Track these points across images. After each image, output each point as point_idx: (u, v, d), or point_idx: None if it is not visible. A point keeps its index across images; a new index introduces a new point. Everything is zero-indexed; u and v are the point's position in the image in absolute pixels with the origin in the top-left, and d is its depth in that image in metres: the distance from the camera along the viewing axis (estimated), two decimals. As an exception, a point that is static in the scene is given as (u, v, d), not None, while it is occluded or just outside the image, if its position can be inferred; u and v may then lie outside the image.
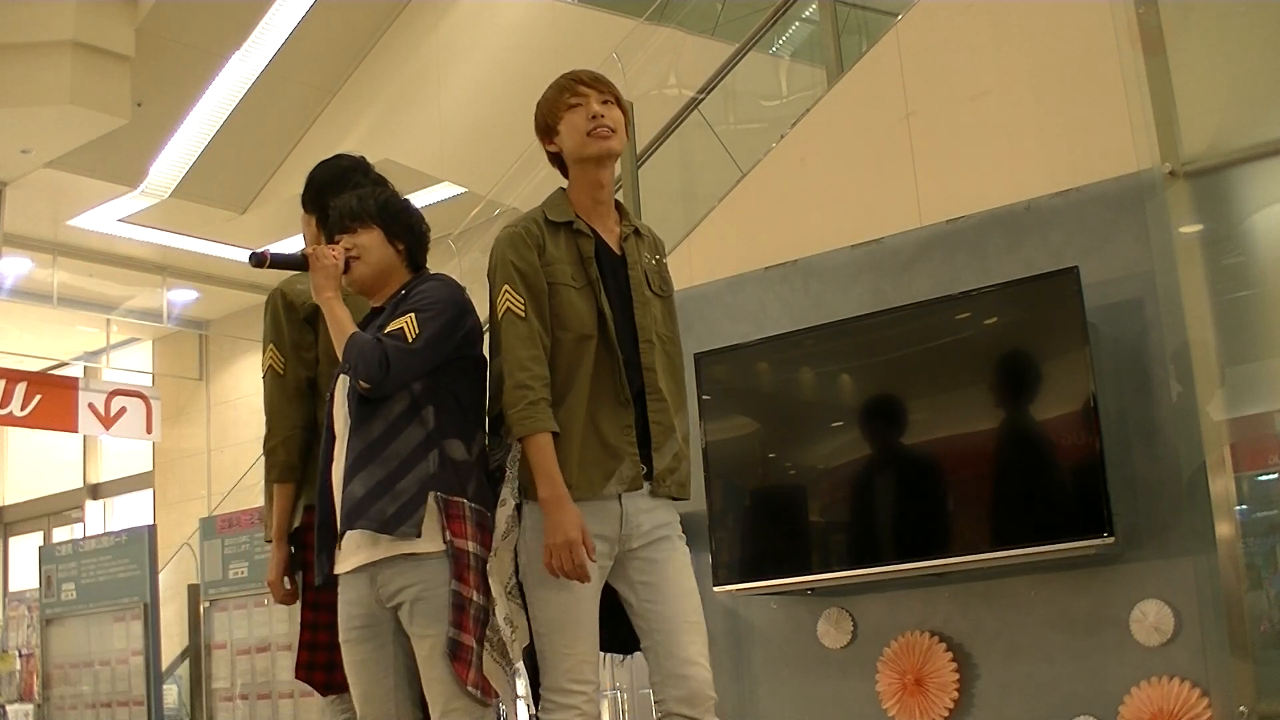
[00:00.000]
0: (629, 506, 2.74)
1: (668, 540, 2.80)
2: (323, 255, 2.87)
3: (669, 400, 2.83)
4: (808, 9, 6.18)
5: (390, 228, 2.92)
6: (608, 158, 2.85)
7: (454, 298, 2.83)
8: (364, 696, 2.79)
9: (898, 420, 4.11)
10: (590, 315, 2.76)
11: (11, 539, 15.39)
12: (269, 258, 2.92)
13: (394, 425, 2.72)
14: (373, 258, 2.90)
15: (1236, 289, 3.95)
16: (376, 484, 2.69)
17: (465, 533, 2.69)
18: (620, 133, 2.85)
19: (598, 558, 2.70)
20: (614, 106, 2.86)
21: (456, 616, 2.64)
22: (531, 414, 2.67)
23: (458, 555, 2.67)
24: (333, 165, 3.33)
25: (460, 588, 2.65)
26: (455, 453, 2.74)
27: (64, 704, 7.02)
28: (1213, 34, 4.09)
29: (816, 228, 4.63)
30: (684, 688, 2.70)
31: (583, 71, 2.91)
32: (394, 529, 2.66)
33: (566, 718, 2.67)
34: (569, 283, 2.77)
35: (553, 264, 2.77)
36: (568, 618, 2.69)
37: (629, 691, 5.27)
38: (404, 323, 2.73)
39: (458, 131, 9.84)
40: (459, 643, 2.64)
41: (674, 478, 2.82)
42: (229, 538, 6.48)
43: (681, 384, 2.94)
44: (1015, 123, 4.26)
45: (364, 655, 2.78)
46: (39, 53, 9.20)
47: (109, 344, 13.76)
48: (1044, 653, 3.90)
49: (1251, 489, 3.72)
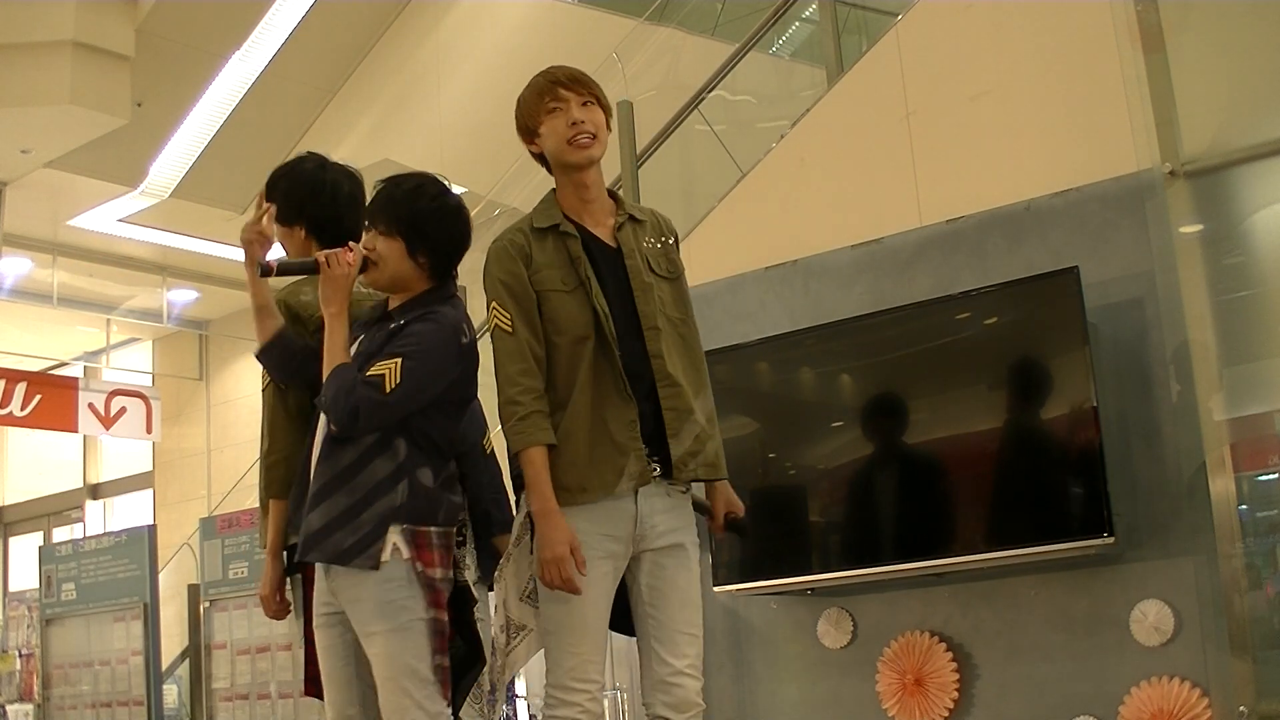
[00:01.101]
0: (644, 507, 2.74)
1: (681, 548, 2.80)
2: (337, 263, 2.77)
3: (684, 384, 2.80)
4: (808, 9, 6.17)
5: (414, 243, 2.79)
6: (590, 164, 2.83)
7: (445, 345, 2.73)
8: (328, 680, 2.83)
9: (898, 420, 4.11)
10: (583, 316, 2.75)
11: (11, 539, 15.38)
12: (275, 266, 2.85)
13: (365, 455, 2.70)
14: (389, 268, 2.81)
15: (1236, 289, 3.95)
16: (338, 514, 2.68)
17: (434, 560, 2.71)
18: (601, 136, 2.81)
19: (611, 558, 2.71)
20: (594, 108, 2.82)
21: (439, 643, 2.67)
22: (522, 429, 2.69)
23: (430, 584, 2.68)
24: (302, 172, 3.22)
25: (438, 614, 2.68)
26: (425, 479, 2.73)
27: (64, 704, 7.01)
28: (1213, 33, 4.09)
29: (816, 228, 4.63)
30: (673, 695, 2.73)
31: (560, 71, 2.86)
32: (349, 560, 2.66)
33: (570, 714, 2.69)
34: (558, 287, 2.76)
35: (540, 271, 2.76)
36: (575, 618, 2.70)
37: (629, 691, 5.27)
38: (387, 369, 2.66)
39: (458, 131, 9.83)
40: (444, 668, 2.68)
41: (697, 460, 2.78)
42: (229, 538, 6.47)
43: (699, 365, 2.90)
44: (1015, 123, 4.26)
45: (328, 641, 2.81)
46: (39, 53, 9.20)
47: (109, 344, 13.75)
48: (1044, 653, 3.90)
49: (1251, 489, 3.72)
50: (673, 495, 2.80)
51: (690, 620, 2.79)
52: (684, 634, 2.77)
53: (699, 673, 2.78)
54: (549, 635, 2.74)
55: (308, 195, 3.19)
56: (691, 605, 2.80)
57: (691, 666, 2.75)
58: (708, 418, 2.84)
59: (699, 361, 2.90)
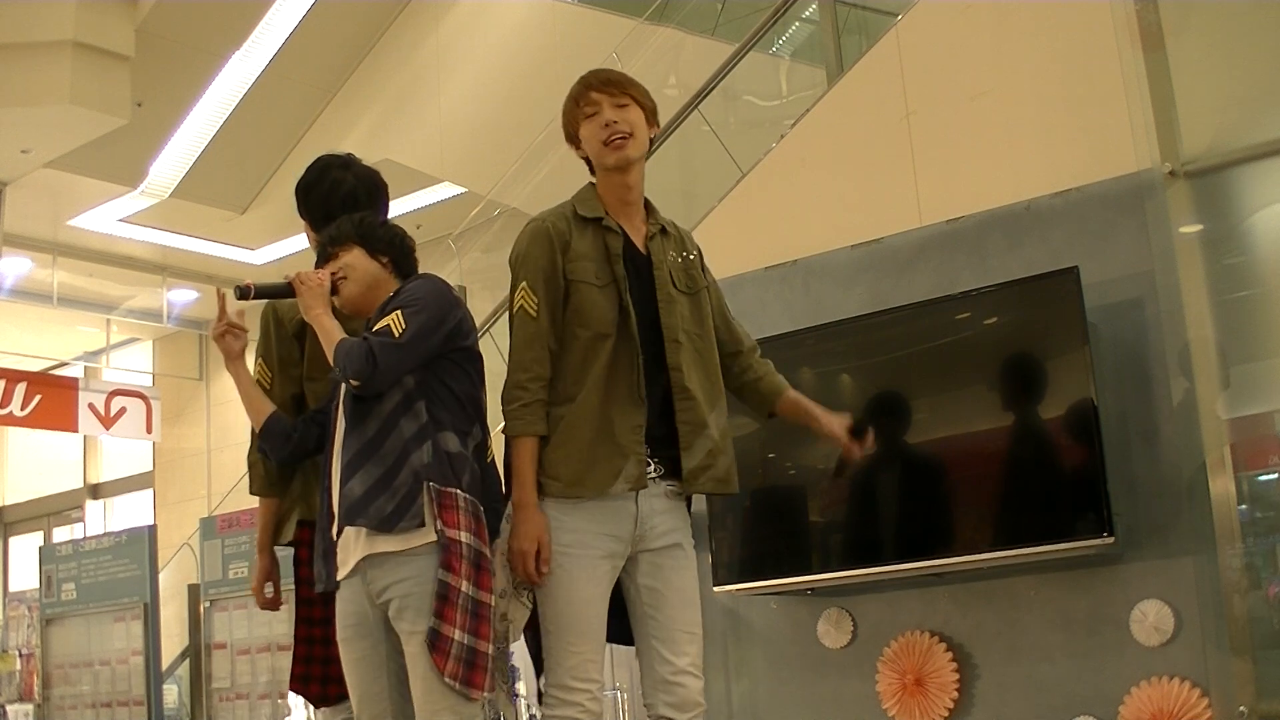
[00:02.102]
0: (644, 507, 2.75)
1: (679, 548, 2.82)
2: (308, 279, 2.92)
3: (700, 398, 2.81)
4: (808, 9, 6.17)
5: (370, 243, 2.96)
6: (627, 164, 2.83)
7: (438, 292, 2.84)
8: (359, 695, 2.80)
9: (898, 420, 4.11)
10: (610, 314, 2.76)
11: (11, 539, 15.39)
12: (253, 289, 2.96)
13: (388, 421, 2.74)
14: (358, 274, 2.93)
15: (1237, 289, 3.95)
16: (375, 482, 2.70)
17: (458, 523, 2.69)
18: (638, 135, 2.82)
19: (611, 558, 2.73)
20: (631, 108, 2.83)
21: (439, 606, 2.62)
22: (523, 415, 2.72)
23: (449, 545, 2.66)
24: (311, 166, 3.38)
25: (448, 577, 2.64)
26: (449, 444, 2.75)
27: (64, 704, 7.01)
28: (1213, 33, 4.09)
29: (816, 228, 4.63)
30: (675, 695, 2.74)
31: (595, 75, 2.89)
32: (393, 526, 2.67)
33: (569, 714, 2.69)
34: (591, 280, 2.77)
35: (576, 261, 2.77)
36: (574, 617, 2.70)
37: (629, 691, 5.27)
38: (390, 320, 2.75)
39: (458, 131, 9.84)
40: (439, 633, 2.62)
41: (709, 474, 2.81)
42: (229, 537, 6.47)
43: (716, 380, 2.91)
44: (1015, 123, 4.26)
45: (358, 654, 2.79)
46: (39, 53, 9.20)
47: (109, 344, 13.75)
48: (1044, 653, 3.90)
49: (1251, 489, 3.72)
50: (670, 496, 2.81)
51: (691, 620, 2.80)
52: (685, 633, 2.78)
53: (700, 672, 2.79)
54: (549, 634, 2.74)
55: (310, 186, 3.31)
56: (691, 605, 2.81)
57: (693, 665, 2.77)
58: (721, 433, 2.86)
59: (717, 377, 2.92)
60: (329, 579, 2.85)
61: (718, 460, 2.83)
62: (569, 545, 2.71)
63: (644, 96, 2.87)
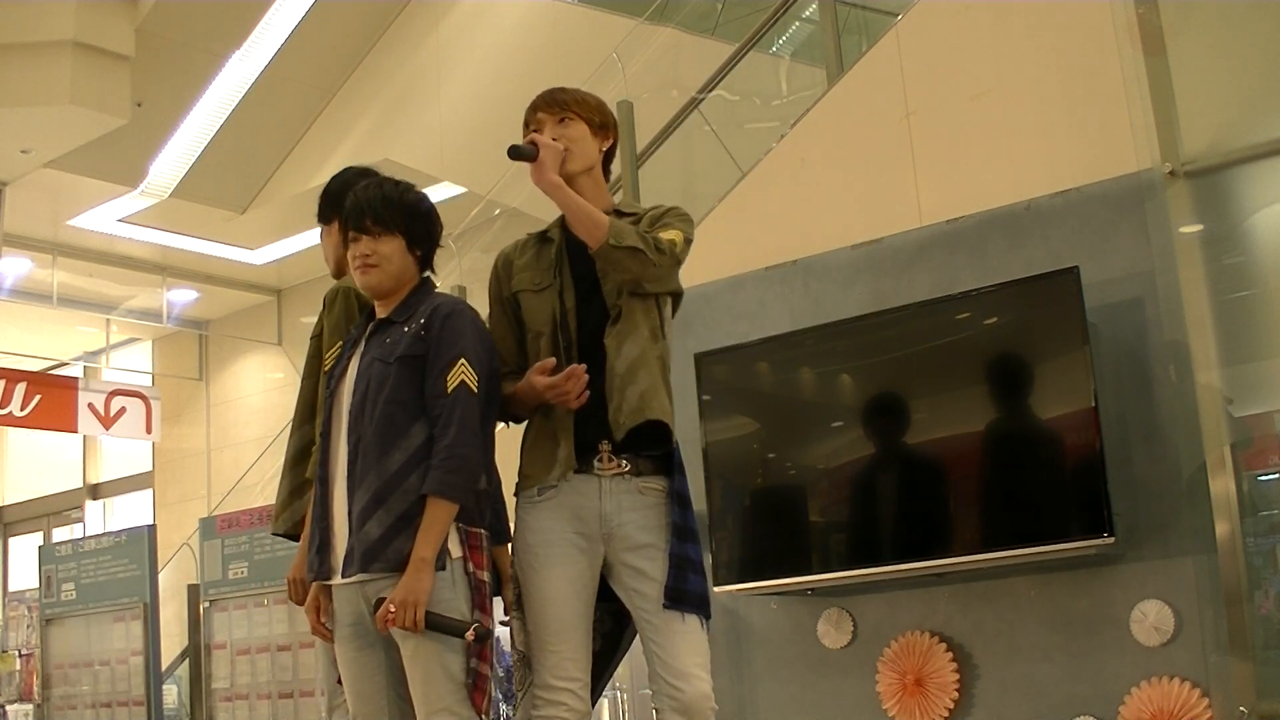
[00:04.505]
0: (609, 504, 2.77)
1: (655, 548, 2.79)
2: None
3: (625, 368, 2.76)
4: (808, 9, 6.17)
5: (413, 235, 2.86)
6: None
7: (477, 324, 2.84)
8: (356, 695, 2.81)
9: (898, 420, 4.11)
10: (544, 313, 2.87)
11: (11, 539, 15.38)
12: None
13: (414, 457, 2.69)
14: (393, 268, 2.84)
15: (1236, 289, 3.95)
16: (394, 522, 2.66)
17: (483, 563, 2.71)
18: (575, 150, 2.86)
19: (582, 552, 2.77)
20: (574, 122, 2.90)
21: (479, 649, 2.65)
22: None
23: (479, 587, 2.68)
24: (342, 175, 3.40)
25: (483, 618, 2.67)
26: (479, 482, 2.75)
27: (64, 704, 7.01)
28: (1213, 34, 4.09)
29: (816, 228, 4.63)
30: (680, 699, 2.72)
31: (541, 95, 2.96)
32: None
33: (554, 713, 2.71)
34: (528, 288, 2.91)
35: (517, 274, 2.94)
36: (549, 616, 2.74)
37: (629, 691, 5.27)
38: (461, 371, 2.71)
39: (458, 131, 9.83)
40: (480, 674, 2.65)
41: (622, 414, 2.74)
42: (229, 538, 6.47)
43: (650, 343, 2.83)
44: (1015, 123, 4.26)
45: (354, 654, 2.79)
46: (39, 53, 9.20)
47: (109, 344, 13.74)
48: (1044, 653, 3.90)
49: (1251, 489, 3.72)
50: (645, 494, 2.80)
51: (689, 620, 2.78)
52: (684, 633, 2.75)
53: (707, 673, 2.76)
54: (531, 635, 2.77)
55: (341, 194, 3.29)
56: None
57: (696, 665, 2.74)
58: (629, 368, 2.76)
59: (653, 336, 2.85)
60: (321, 569, 2.83)
61: (624, 399, 2.75)
62: (534, 545, 2.77)
63: (591, 111, 2.95)
